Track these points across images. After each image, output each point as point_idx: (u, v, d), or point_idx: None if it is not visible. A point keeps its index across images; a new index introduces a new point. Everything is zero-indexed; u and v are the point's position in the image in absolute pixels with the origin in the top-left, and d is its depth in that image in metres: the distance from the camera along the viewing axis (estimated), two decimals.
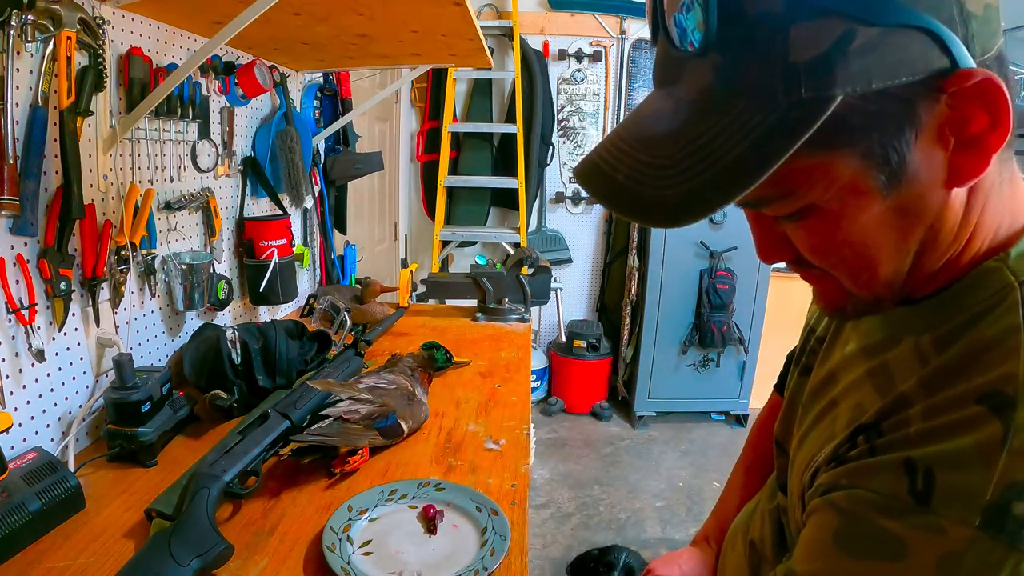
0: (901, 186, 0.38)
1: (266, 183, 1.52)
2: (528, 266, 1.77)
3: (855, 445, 0.43)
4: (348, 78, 1.96)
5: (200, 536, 0.69)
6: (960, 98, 0.35)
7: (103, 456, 0.92)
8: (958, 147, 0.37)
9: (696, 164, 0.36)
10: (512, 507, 0.84)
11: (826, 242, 0.42)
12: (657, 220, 0.37)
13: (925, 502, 0.37)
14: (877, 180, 0.37)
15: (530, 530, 0.77)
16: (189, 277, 1.17)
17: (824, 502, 0.43)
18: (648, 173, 0.37)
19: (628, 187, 0.38)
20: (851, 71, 0.34)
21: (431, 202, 3.23)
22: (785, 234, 0.44)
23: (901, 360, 0.45)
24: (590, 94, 3.33)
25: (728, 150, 0.35)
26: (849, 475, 0.42)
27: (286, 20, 1.10)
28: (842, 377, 0.51)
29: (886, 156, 0.36)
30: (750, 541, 0.65)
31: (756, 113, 0.35)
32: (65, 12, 0.80)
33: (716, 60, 0.36)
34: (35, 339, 0.84)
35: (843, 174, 0.37)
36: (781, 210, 0.41)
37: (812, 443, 0.51)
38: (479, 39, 1.26)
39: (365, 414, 0.95)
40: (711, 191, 0.35)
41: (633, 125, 0.41)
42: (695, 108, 0.37)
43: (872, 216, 0.39)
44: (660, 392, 3.19)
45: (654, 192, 0.37)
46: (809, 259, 0.44)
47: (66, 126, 0.84)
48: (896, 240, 0.40)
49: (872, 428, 0.43)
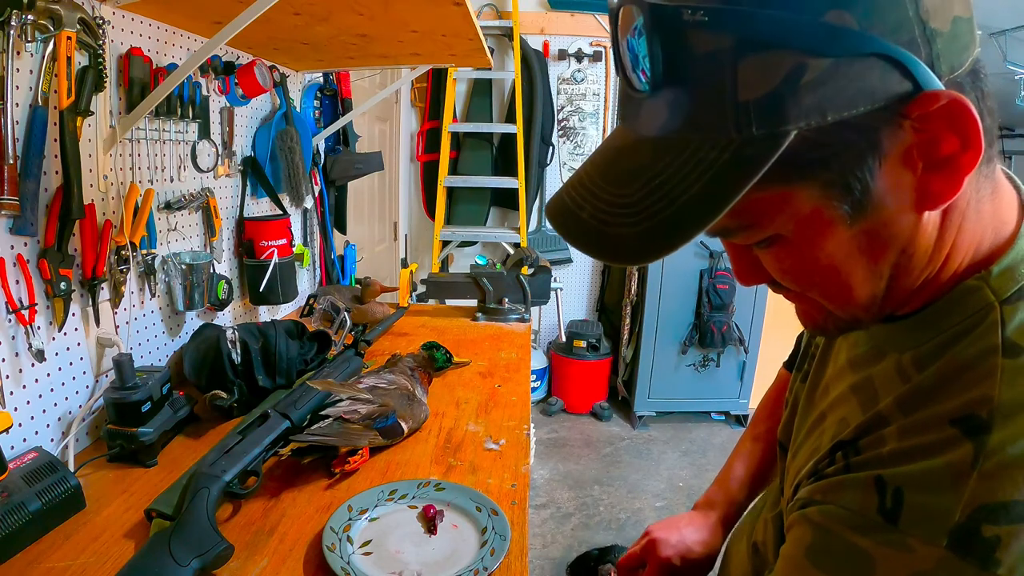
0: (866, 213, 0.37)
1: (266, 183, 1.52)
2: (528, 266, 1.77)
3: (833, 461, 0.44)
4: (348, 78, 1.96)
5: (200, 536, 0.69)
6: (927, 121, 0.34)
7: (103, 456, 0.92)
8: (928, 169, 0.36)
9: (656, 203, 0.36)
10: (512, 507, 0.84)
11: (795, 268, 0.42)
12: (620, 259, 0.37)
13: (893, 520, 0.37)
14: (839, 210, 0.37)
15: (530, 530, 0.77)
16: (189, 277, 1.17)
17: (800, 516, 0.44)
18: (611, 212, 0.37)
19: (592, 226, 0.38)
20: (803, 105, 0.33)
21: (431, 202, 3.23)
22: (758, 258, 0.44)
23: (884, 377, 0.45)
24: (590, 94, 3.33)
25: (685, 189, 0.35)
26: (823, 491, 0.43)
27: (286, 20, 1.10)
28: (832, 390, 0.52)
29: (848, 185, 0.36)
30: (753, 544, 0.65)
31: (711, 150, 0.34)
32: (65, 12, 0.80)
33: (669, 98, 0.36)
34: (35, 339, 0.84)
35: (803, 206, 0.37)
36: (747, 239, 0.41)
37: (803, 455, 0.52)
38: (479, 39, 1.26)
39: (365, 414, 0.95)
40: (671, 229, 0.35)
41: (600, 161, 0.41)
42: (653, 145, 0.37)
43: (839, 243, 0.38)
44: (660, 392, 3.19)
45: (616, 231, 0.37)
46: (783, 283, 0.44)
47: (66, 126, 0.84)
48: (867, 264, 0.40)
49: (850, 445, 0.43)
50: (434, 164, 3.16)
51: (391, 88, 2.07)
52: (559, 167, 3.42)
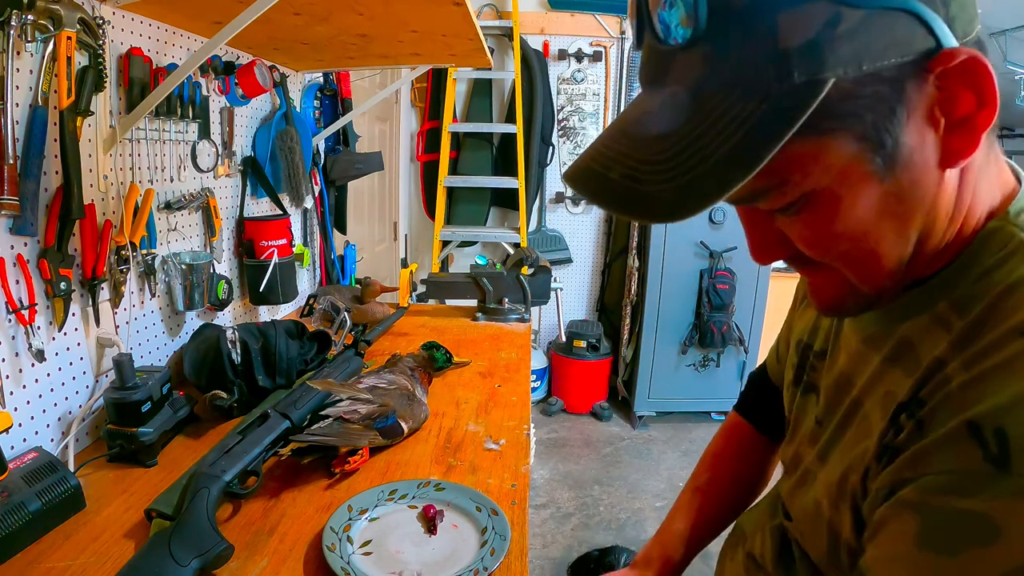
0: (897, 169, 0.37)
1: (266, 183, 1.52)
2: (528, 266, 1.77)
3: (900, 427, 0.41)
4: (348, 78, 1.96)
5: (200, 536, 0.69)
6: (947, 78, 0.35)
7: (103, 456, 0.91)
8: (948, 128, 0.37)
9: (689, 159, 0.35)
10: (512, 507, 0.84)
11: (824, 235, 0.41)
12: (655, 216, 0.36)
13: (1003, 465, 0.33)
14: (873, 163, 0.37)
15: (530, 530, 0.77)
16: (189, 277, 1.17)
17: (893, 506, 0.39)
18: (642, 171, 0.37)
19: (623, 185, 0.37)
20: (841, 54, 0.34)
21: (431, 202, 3.23)
22: (781, 231, 0.43)
23: (921, 331, 0.43)
24: (590, 94, 3.33)
25: (722, 142, 0.35)
26: (910, 465, 0.38)
27: (286, 20, 1.10)
28: (857, 376, 0.49)
29: (881, 139, 0.36)
30: (748, 554, 0.65)
31: (749, 102, 0.35)
32: (65, 12, 0.80)
33: (705, 52, 0.36)
34: (35, 339, 0.84)
35: (839, 159, 0.37)
36: (776, 202, 0.40)
37: (841, 454, 0.49)
38: (479, 39, 1.26)
39: (365, 414, 0.95)
40: (708, 184, 0.35)
41: (622, 127, 0.41)
42: (685, 103, 0.37)
43: (870, 203, 0.38)
44: (660, 392, 3.19)
45: (649, 189, 0.36)
46: (808, 255, 0.43)
47: (66, 126, 0.84)
48: (896, 228, 0.40)
49: (911, 403, 0.40)
50: (434, 164, 3.16)
51: (391, 88, 2.07)
52: (559, 167, 3.42)
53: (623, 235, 3.35)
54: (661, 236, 3.01)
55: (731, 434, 0.82)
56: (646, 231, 3.09)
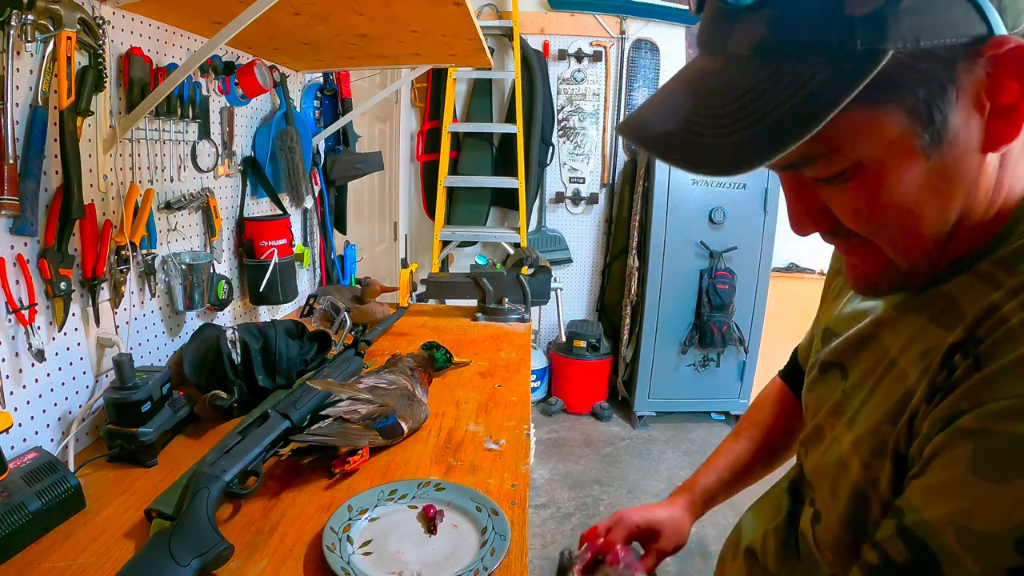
0: (943, 147, 0.38)
1: (266, 183, 1.52)
2: (528, 266, 1.77)
3: (954, 366, 0.40)
4: (348, 78, 1.96)
5: (200, 536, 0.69)
6: (995, 65, 0.37)
7: (103, 456, 0.91)
8: (993, 114, 0.38)
9: (750, 116, 0.36)
10: (512, 507, 0.84)
11: (869, 206, 0.42)
12: (715, 168, 0.37)
13: None
14: (921, 139, 0.38)
15: (530, 530, 0.77)
16: (189, 277, 1.17)
17: (947, 435, 0.38)
18: (701, 124, 0.38)
19: (681, 137, 0.38)
20: (902, 27, 0.35)
21: (431, 202, 3.23)
22: (822, 203, 0.44)
23: (962, 289, 0.43)
24: (590, 94, 3.33)
25: (782, 102, 0.36)
26: (968, 396, 0.38)
27: (286, 20, 1.10)
28: (892, 342, 0.49)
29: (931, 115, 0.37)
30: (750, 552, 0.65)
31: (809, 67, 0.36)
32: (65, 12, 0.80)
33: (769, 15, 0.37)
34: (35, 339, 0.84)
35: (889, 132, 0.38)
36: (824, 170, 0.41)
37: (870, 411, 0.48)
38: (479, 39, 1.26)
39: (365, 414, 0.95)
40: (765, 142, 0.35)
41: (681, 84, 0.41)
42: (746, 64, 0.38)
43: (915, 179, 0.39)
44: (660, 392, 3.19)
45: (709, 141, 0.37)
46: (849, 227, 0.44)
47: (66, 126, 0.84)
48: (937, 205, 0.41)
49: (966, 343, 0.40)
50: (434, 164, 3.16)
51: (391, 88, 2.07)
52: (559, 167, 3.42)
53: (623, 235, 3.35)
54: (661, 236, 3.01)
55: (773, 390, 0.85)
56: (646, 231, 3.09)
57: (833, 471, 0.51)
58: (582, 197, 3.44)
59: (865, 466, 0.46)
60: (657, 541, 0.76)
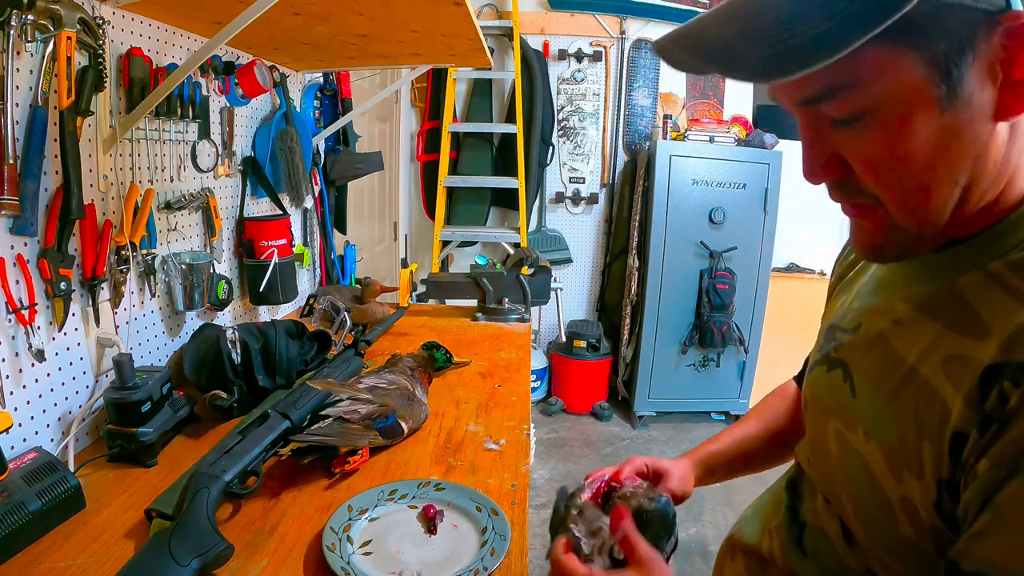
0: (957, 104, 0.40)
1: (266, 183, 1.52)
2: (528, 266, 1.77)
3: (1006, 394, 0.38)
4: (348, 78, 1.96)
5: (200, 536, 0.69)
6: (1010, 37, 0.38)
7: (103, 456, 0.91)
8: (1004, 86, 0.40)
9: (783, 33, 0.38)
10: (512, 507, 0.84)
11: (883, 155, 0.43)
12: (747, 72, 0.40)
13: None
14: (939, 90, 0.40)
15: (530, 530, 0.77)
16: (189, 277, 1.17)
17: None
18: (737, 37, 0.40)
19: (718, 44, 0.41)
20: None
21: (431, 202, 3.23)
22: (837, 152, 0.45)
23: (978, 294, 0.44)
24: (590, 94, 3.33)
25: (815, 25, 0.37)
26: None
27: (286, 20, 1.10)
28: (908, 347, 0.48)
29: (948, 69, 0.39)
30: (751, 553, 0.65)
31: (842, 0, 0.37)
32: (65, 12, 0.80)
33: None
34: (35, 339, 0.84)
35: (909, 76, 0.40)
36: (844, 106, 0.42)
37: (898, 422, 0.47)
38: (479, 39, 1.26)
39: (365, 414, 0.95)
40: (795, 56, 0.37)
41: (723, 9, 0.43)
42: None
43: (930, 132, 0.41)
44: (660, 392, 3.19)
45: (744, 51, 0.40)
46: (861, 177, 0.44)
47: (66, 126, 0.84)
48: (948, 165, 0.42)
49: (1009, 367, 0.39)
50: (434, 164, 3.16)
51: (391, 88, 2.07)
52: (559, 167, 3.42)
53: (623, 235, 3.35)
54: (661, 236, 3.01)
55: (788, 391, 0.85)
56: (646, 231, 3.09)
57: (856, 483, 0.50)
58: (582, 197, 3.44)
59: (898, 480, 0.46)
60: (664, 481, 0.74)
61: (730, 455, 0.79)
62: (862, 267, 0.63)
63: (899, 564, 0.47)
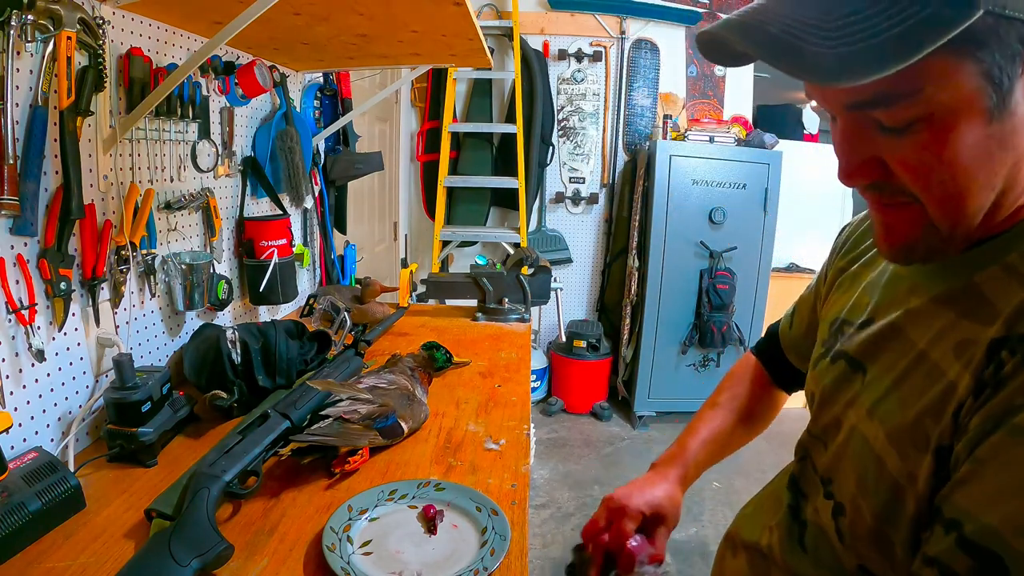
0: (1004, 115, 0.41)
1: (266, 183, 1.52)
2: (528, 266, 1.77)
3: (1002, 361, 0.41)
4: (348, 78, 1.96)
5: (200, 536, 0.69)
6: None
7: (103, 456, 0.91)
8: None
9: (854, 34, 0.38)
10: (512, 507, 0.84)
11: (929, 160, 0.43)
12: (817, 74, 0.38)
13: None
14: (990, 101, 0.40)
15: (530, 530, 0.77)
16: (189, 277, 1.17)
17: (1008, 433, 0.39)
18: (804, 32, 0.39)
19: (784, 39, 0.39)
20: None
21: (431, 202, 3.23)
22: (877, 155, 0.45)
23: (994, 284, 0.45)
24: (590, 94, 3.34)
25: (884, 29, 0.37)
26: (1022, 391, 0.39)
27: (286, 20, 1.10)
28: (920, 334, 0.49)
29: (1000, 80, 0.40)
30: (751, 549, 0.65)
31: (913, 4, 0.37)
32: (65, 12, 0.80)
33: None
34: (35, 339, 0.84)
35: (965, 85, 0.40)
36: (900, 114, 0.42)
37: (902, 404, 0.48)
38: (479, 39, 1.26)
39: (365, 414, 0.95)
40: (869, 58, 0.37)
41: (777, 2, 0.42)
42: None
43: (977, 140, 0.41)
44: (660, 392, 3.19)
45: (813, 48, 0.38)
46: (903, 179, 0.45)
47: (66, 126, 0.84)
48: (988, 172, 0.43)
49: (1010, 340, 0.41)
50: (434, 164, 3.16)
51: (391, 88, 2.07)
52: (559, 167, 3.42)
53: (623, 235, 3.35)
54: (661, 236, 3.01)
55: (747, 365, 0.86)
56: (646, 231, 3.09)
57: (862, 464, 0.51)
58: (582, 197, 3.44)
59: (903, 458, 0.47)
60: (662, 523, 0.73)
61: (714, 459, 0.81)
62: (868, 261, 0.63)
63: (902, 547, 0.47)
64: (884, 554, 0.49)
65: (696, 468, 0.78)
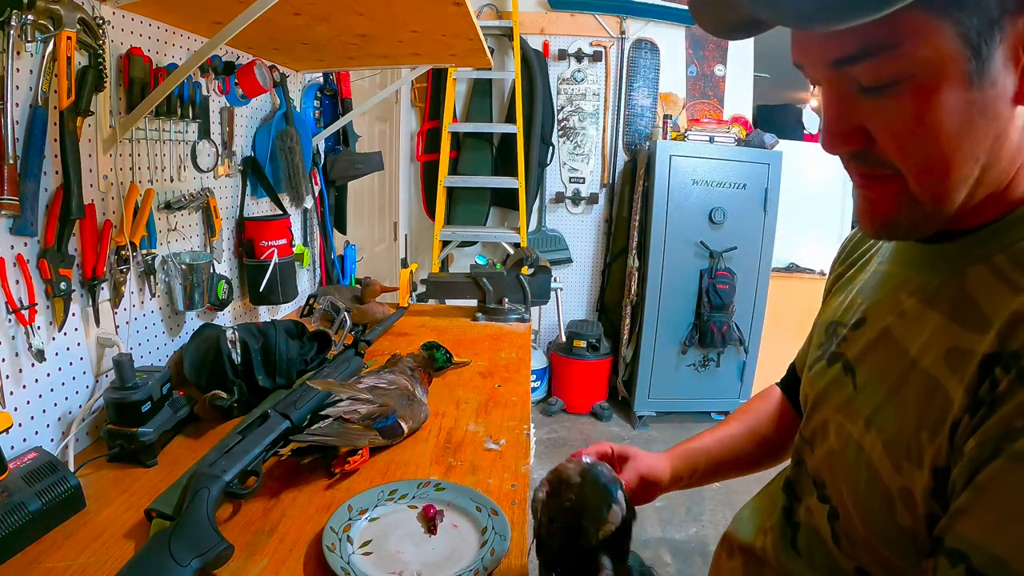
0: (984, 82, 0.41)
1: (266, 183, 1.52)
2: (528, 266, 1.77)
3: (996, 379, 0.40)
4: (348, 78, 1.96)
5: (200, 536, 0.69)
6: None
7: (103, 456, 0.91)
8: None
9: None
10: (512, 507, 0.84)
11: (910, 125, 0.43)
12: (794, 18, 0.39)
13: None
14: (969, 65, 0.40)
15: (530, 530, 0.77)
16: (189, 277, 1.17)
17: (1010, 460, 0.37)
18: None
19: None
20: None
21: (431, 202, 3.23)
22: (861, 123, 0.45)
23: (981, 288, 0.45)
24: (590, 94, 3.33)
25: None
26: (1021, 413, 0.38)
27: (286, 20, 1.10)
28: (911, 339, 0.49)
29: (979, 46, 0.40)
30: (746, 551, 0.65)
31: None
32: (65, 12, 0.80)
33: None
34: (35, 339, 0.84)
35: (944, 46, 0.40)
36: (880, 70, 0.42)
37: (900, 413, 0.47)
38: (479, 39, 1.26)
39: (365, 414, 0.95)
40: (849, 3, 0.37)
41: None
42: None
43: (958, 105, 0.41)
44: (660, 392, 3.19)
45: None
46: (884, 147, 0.45)
47: (66, 126, 0.84)
48: (970, 141, 0.43)
49: (1002, 356, 0.40)
50: (434, 164, 3.16)
51: (391, 88, 2.07)
52: (559, 167, 3.42)
53: (623, 235, 3.35)
54: (661, 236, 3.01)
55: (772, 396, 0.84)
56: (646, 231, 3.09)
57: (855, 473, 0.50)
58: (582, 197, 3.44)
59: (897, 470, 0.46)
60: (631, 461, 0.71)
61: (714, 452, 0.78)
62: (862, 265, 0.63)
63: (896, 556, 0.47)
64: (879, 561, 0.49)
65: (688, 451, 0.76)
